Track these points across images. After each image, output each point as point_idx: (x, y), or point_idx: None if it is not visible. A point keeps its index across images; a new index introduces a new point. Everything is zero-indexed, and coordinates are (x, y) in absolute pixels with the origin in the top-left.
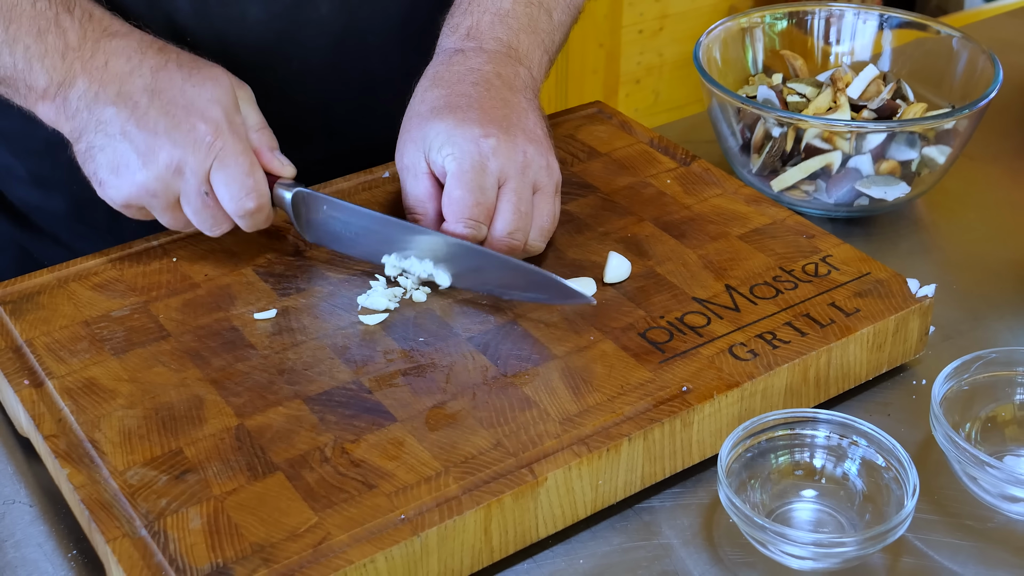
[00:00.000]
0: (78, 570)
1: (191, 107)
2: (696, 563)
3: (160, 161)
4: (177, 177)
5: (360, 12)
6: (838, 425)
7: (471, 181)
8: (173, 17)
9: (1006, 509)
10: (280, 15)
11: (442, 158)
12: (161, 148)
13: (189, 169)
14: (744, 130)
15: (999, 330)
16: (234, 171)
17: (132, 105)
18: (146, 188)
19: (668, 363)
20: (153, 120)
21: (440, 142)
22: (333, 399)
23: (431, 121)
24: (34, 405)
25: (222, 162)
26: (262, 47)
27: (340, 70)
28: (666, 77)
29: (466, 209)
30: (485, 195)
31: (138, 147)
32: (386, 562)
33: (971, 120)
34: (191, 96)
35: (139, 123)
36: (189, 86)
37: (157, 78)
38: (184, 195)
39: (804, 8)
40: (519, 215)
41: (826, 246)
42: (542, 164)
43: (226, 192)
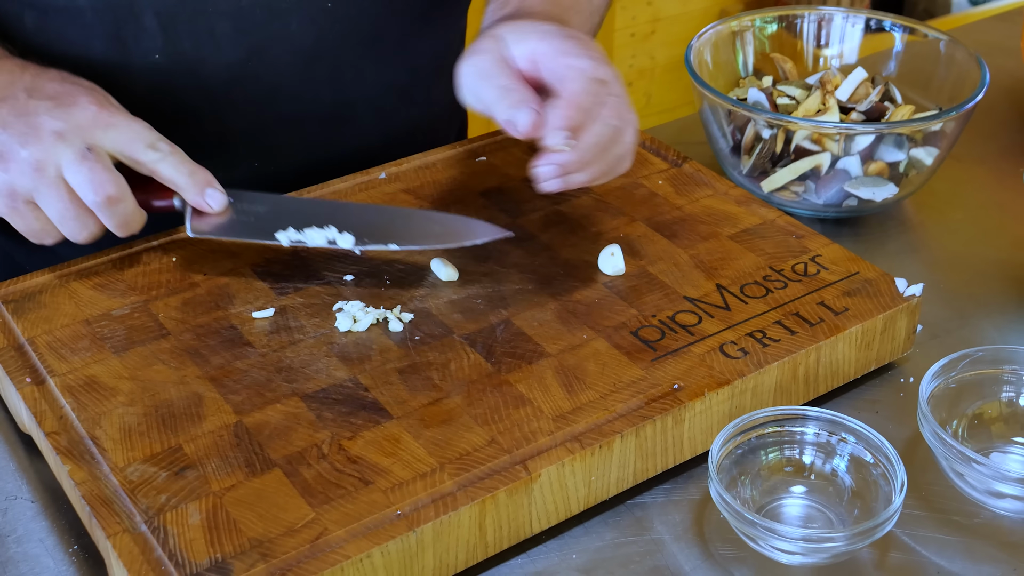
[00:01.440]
0: (79, 565)
1: (71, 91)
2: (687, 558)
3: (43, 135)
4: (60, 142)
5: (331, 29)
6: (827, 422)
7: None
8: (140, 36)
9: (992, 505)
10: (249, 31)
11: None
12: (43, 125)
13: (73, 134)
14: (735, 132)
15: (985, 329)
16: (134, 128)
17: (12, 102)
18: (30, 163)
19: (660, 361)
20: (33, 106)
21: (520, 33)
22: (330, 396)
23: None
24: (36, 402)
25: (116, 128)
26: (232, 63)
27: (312, 85)
28: (658, 80)
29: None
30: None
31: (19, 130)
32: (382, 557)
33: (958, 122)
34: (69, 87)
35: (18, 112)
36: (67, 83)
37: (36, 80)
38: (66, 159)
39: (794, 12)
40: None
41: (815, 246)
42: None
43: (136, 146)
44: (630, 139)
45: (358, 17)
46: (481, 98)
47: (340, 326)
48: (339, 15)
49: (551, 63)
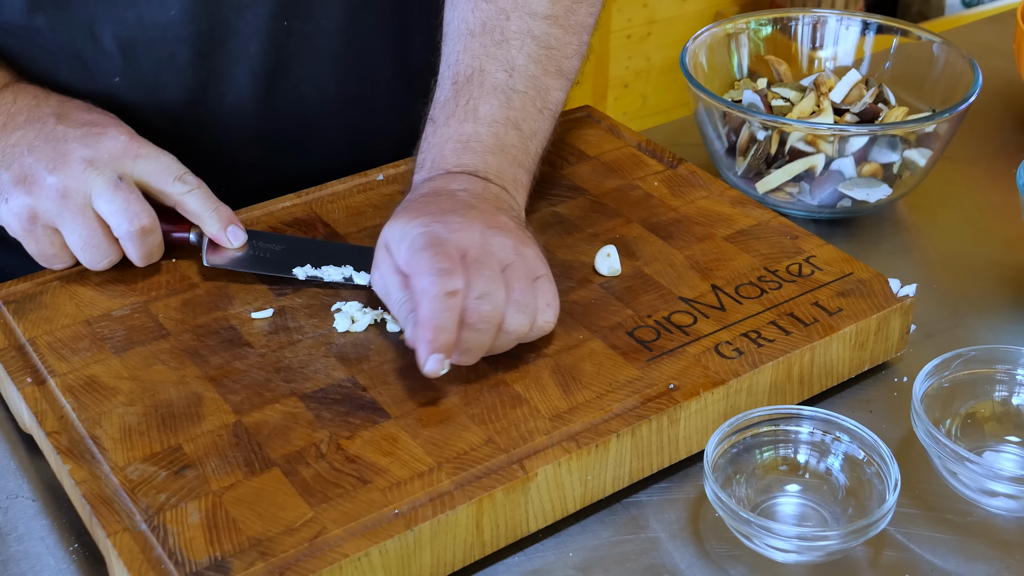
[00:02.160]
0: (79, 563)
1: (100, 121)
2: (683, 556)
3: (72, 162)
4: (91, 171)
5: (291, 48)
6: (821, 421)
7: (427, 243)
8: (99, 59)
9: (985, 503)
10: (209, 55)
11: (401, 253)
12: (73, 151)
13: (104, 163)
14: (730, 133)
15: (979, 328)
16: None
17: (40, 126)
18: (57, 189)
19: (655, 361)
20: (62, 132)
21: (397, 240)
22: (328, 396)
23: (389, 226)
24: (37, 402)
25: (146, 159)
26: (192, 85)
27: (273, 104)
28: (653, 81)
29: (427, 262)
30: (445, 249)
31: (48, 155)
32: (380, 555)
33: (951, 123)
34: (97, 116)
35: (48, 137)
36: (95, 111)
37: (63, 106)
38: (97, 188)
39: (788, 14)
40: (483, 279)
41: (810, 247)
42: (507, 244)
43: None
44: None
45: (315, 35)
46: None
47: (338, 326)
48: (297, 34)
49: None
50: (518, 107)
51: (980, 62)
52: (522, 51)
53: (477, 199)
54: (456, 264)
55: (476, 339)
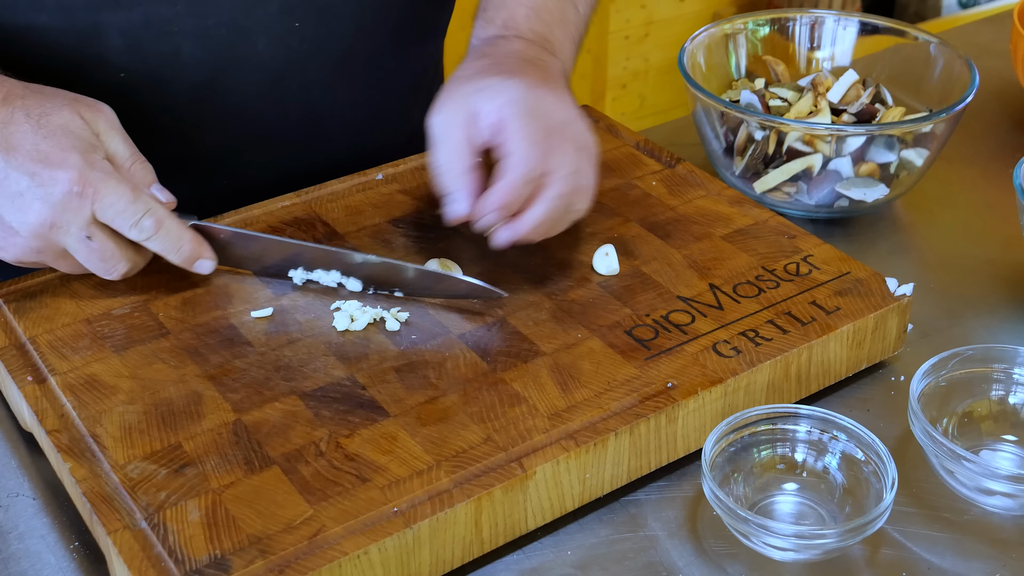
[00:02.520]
0: (80, 561)
1: (48, 160)
2: (681, 554)
3: (33, 221)
4: (56, 232)
5: (299, 48)
6: (819, 420)
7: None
8: (105, 55)
9: (982, 502)
10: (215, 52)
11: (495, 105)
12: (30, 210)
13: (65, 223)
14: (727, 133)
15: (975, 328)
16: (119, 203)
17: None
18: (30, 249)
19: (653, 360)
20: (15, 181)
21: (491, 93)
22: (328, 395)
23: (476, 81)
24: (37, 401)
25: (100, 201)
26: (198, 83)
27: (280, 104)
28: (652, 82)
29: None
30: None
31: (8, 212)
32: (379, 553)
33: (948, 124)
34: (45, 150)
35: (3, 187)
36: (40, 139)
37: (8, 134)
38: (69, 247)
39: (786, 15)
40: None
41: (807, 246)
42: (586, 127)
43: (123, 223)
44: (582, 207)
45: (327, 37)
46: (435, 157)
47: (338, 325)
48: (307, 35)
49: (509, 138)
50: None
51: (977, 63)
52: None
53: (558, 75)
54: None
55: (552, 213)
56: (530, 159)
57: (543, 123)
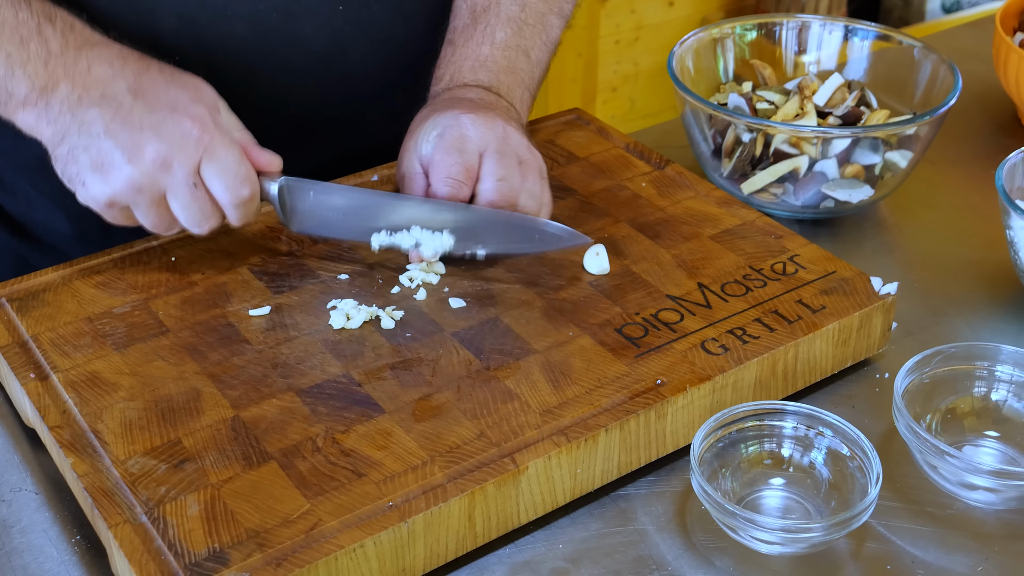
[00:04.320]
0: (81, 554)
1: (175, 105)
2: (670, 548)
3: (147, 156)
4: (164, 171)
5: (343, 31)
6: (805, 416)
7: (450, 146)
8: (161, 36)
9: (965, 496)
10: (266, 34)
11: (429, 143)
12: (147, 143)
13: (177, 163)
14: (716, 136)
15: (958, 326)
16: (226, 162)
17: (116, 105)
18: (132, 183)
19: (643, 357)
20: (138, 117)
21: (426, 133)
22: (324, 392)
23: (419, 126)
24: (40, 397)
25: (212, 155)
26: (248, 64)
27: (324, 85)
28: (641, 85)
29: (447, 168)
30: (465, 157)
31: (123, 143)
32: (375, 547)
33: (932, 126)
34: (174, 96)
35: (124, 121)
36: (172, 87)
37: (140, 80)
38: (171, 190)
39: (773, 20)
40: (504, 166)
41: (793, 246)
42: (522, 143)
43: (219, 183)
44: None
45: (368, 21)
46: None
47: (334, 323)
48: (351, 18)
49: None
50: (528, 37)
51: (960, 66)
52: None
53: (491, 106)
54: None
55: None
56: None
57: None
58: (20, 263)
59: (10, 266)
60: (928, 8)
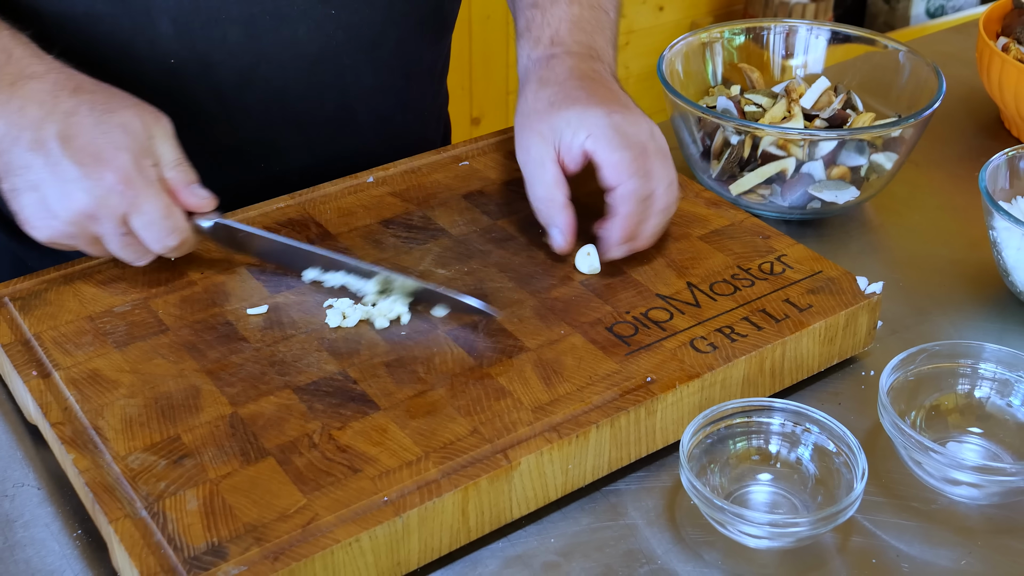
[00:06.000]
0: (82, 549)
1: (100, 156)
2: (660, 542)
3: (75, 209)
4: (93, 222)
5: (335, 35)
6: (792, 413)
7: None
8: (156, 41)
9: (949, 492)
10: (259, 37)
11: (580, 140)
12: (74, 198)
13: (104, 216)
14: (704, 138)
15: (942, 324)
16: (151, 215)
17: (45, 153)
18: (65, 233)
19: (633, 355)
20: (65, 168)
21: (574, 127)
22: (321, 389)
23: (556, 112)
24: (42, 395)
25: (137, 209)
26: (242, 68)
27: (317, 88)
28: (632, 88)
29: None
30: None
31: (54, 195)
32: (370, 541)
33: (916, 129)
34: (100, 144)
35: (52, 171)
36: (99, 133)
37: (68, 124)
38: (103, 237)
39: (761, 24)
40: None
41: (781, 246)
42: (657, 131)
43: (147, 234)
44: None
45: (360, 24)
46: (532, 190)
47: (330, 322)
48: (342, 22)
49: (610, 168)
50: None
51: (944, 70)
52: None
53: (612, 82)
54: (641, 166)
55: (660, 224)
56: (635, 188)
57: (632, 147)
58: (18, 264)
59: (8, 267)
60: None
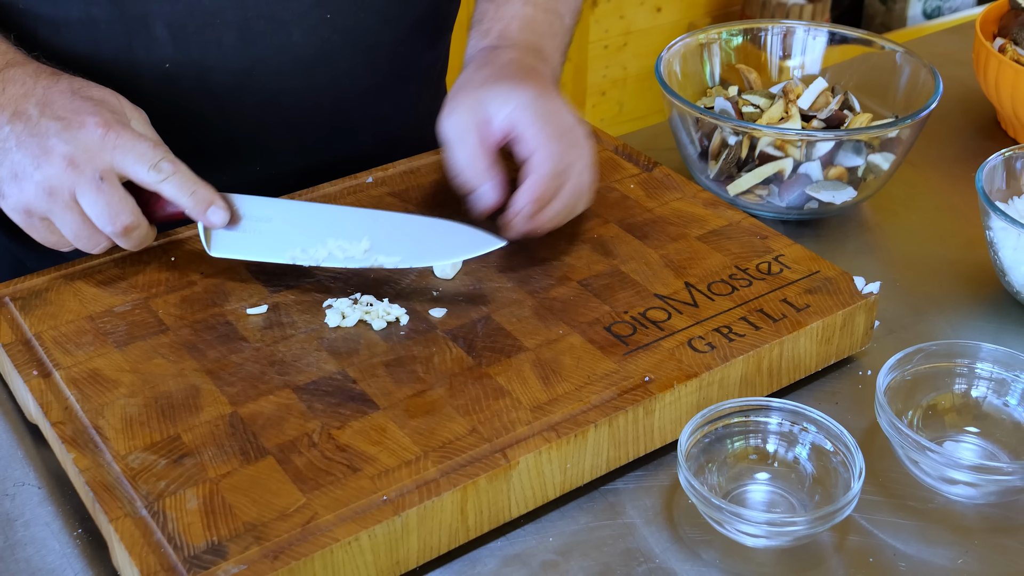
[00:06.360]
0: (83, 547)
1: (80, 110)
2: (657, 541)
3: (54, 159)
4: (72, 170)
5: (330, 38)
6: (789, 413)
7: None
8: (152, 46)
9: (945, 491)
10: (254, 41)
11: (504, 112)
12: (54, 148)
13: (83, 161)
14: (702, 138)
15: (939, 324)
16: (139, 147)
17: (25, 119)
18: (44, 186)
19: (631, 355)
20: (44, 126)
21: (500, 101)
22: (320, 388)
23: (485, 88)
24: (42, 394)
25: (122, 148)
26: (238, 72)
27: (312, 92)
28: (630, 89)
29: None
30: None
31: (32, 152)
32: (369, 540)
33: (913, 129)
34: (78, 104)
35: (31, 131)
36: (77, 98)
37: (48, 93)
38: (80, 188)
39: (758, 25)
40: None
41: (778, 246)
42: (584, 125)
43: (140, 166)
44: (586, 200)
45: (355, 28)
46: (454, 158)
47: (329, 322)
48: (338, 26)
49: (529, 139)
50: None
51: (941, 71)
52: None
53: (549, 80)
54: (561, 142)
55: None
56: (553, 155)
57: (555, 124)
58: (17, 265)
59: (7, 267)
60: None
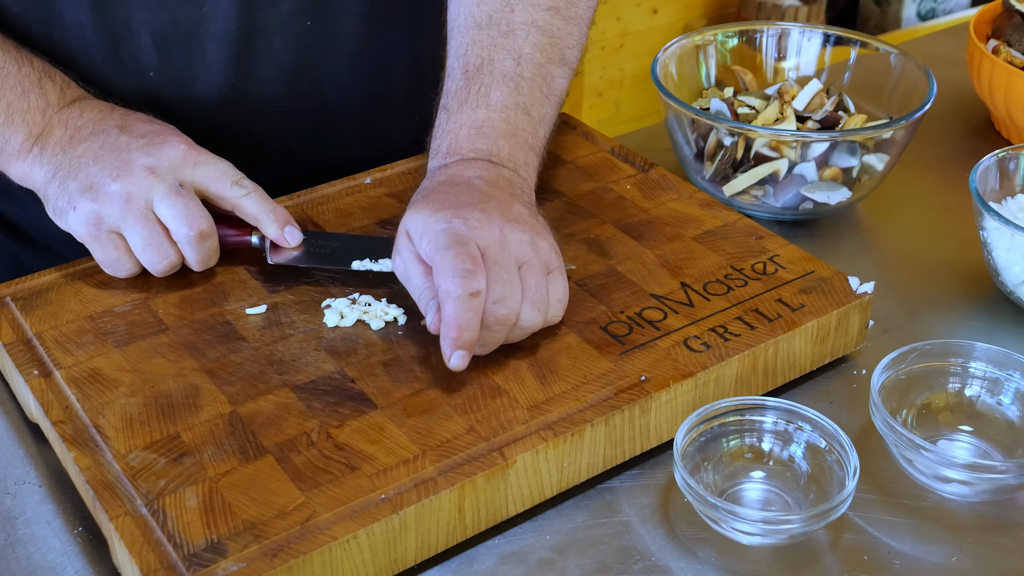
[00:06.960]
0: (83, 545)
1: (161, 131)
2: (654, 539)
3: (135, 170)
4: (153, 178)
5: (311, 46)
6: (784, 412)
7: (451, 241)
8: (137, 55)
9: (939, 489)
10: (236, 52)
11: (423, 247)
12: (135, 160)
13: (166, 170)
14: (698, 139)
15: (933, 324)
16: (220, 166)
17: (104, 137)
18: (120, 194)
19: (628, 354)
20: (125, 142)
21: (419, 233)
22: (319, 388)
23: (410, 216)
24: (43, 393)
25: (204, 166)
26: (222, 82)
27: (296, 100)
28: (626, 90)
29: (451, 262)
30: (468, 248)
31: (111, 164)
32: (368, 538)
33: (907, 130)
34: (158, 127)
35: (111, 147)
36: (156, 123)
37: (127, 118)
38: (159, 193)
39: (754, 27)
40: (501, 282)
41: (773, 246)
42: (523, 239)
43: (223, 183)
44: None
45: (336, 35)
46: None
47: (328, 322)
48: (319, 33)
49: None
50: (526, 93)
51: (935, 72)
52: (528, 40)
53: (493, 187)
54: (478, 264)
55: (493, 336)
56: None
57: (459, 246)
58: (16, 264)
59: (6, 267)
60: (904, 16)
